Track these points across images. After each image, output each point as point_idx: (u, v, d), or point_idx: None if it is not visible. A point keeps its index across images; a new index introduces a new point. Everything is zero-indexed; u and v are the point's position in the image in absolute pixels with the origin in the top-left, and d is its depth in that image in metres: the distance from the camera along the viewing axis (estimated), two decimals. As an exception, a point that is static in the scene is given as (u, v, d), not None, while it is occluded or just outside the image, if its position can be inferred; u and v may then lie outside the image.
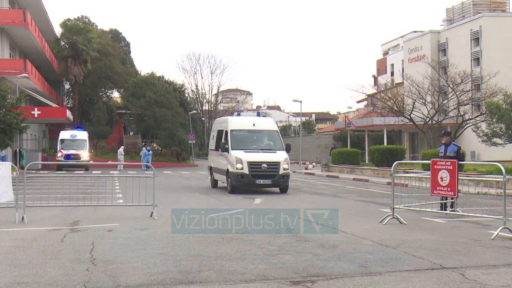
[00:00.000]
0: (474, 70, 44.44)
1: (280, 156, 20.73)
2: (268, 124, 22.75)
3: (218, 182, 23.31)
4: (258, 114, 23.94)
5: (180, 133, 55.23)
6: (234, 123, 22.06)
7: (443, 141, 14.64)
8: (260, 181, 20.15)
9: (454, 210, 13.22)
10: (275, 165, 20.33)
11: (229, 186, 20.72)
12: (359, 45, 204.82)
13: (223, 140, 21.89)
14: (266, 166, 20.14)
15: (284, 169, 20.40)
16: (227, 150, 21.00)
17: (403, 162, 24.92)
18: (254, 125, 21.94)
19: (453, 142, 14.63)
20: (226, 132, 21.87)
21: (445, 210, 13.60)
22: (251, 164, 20.12)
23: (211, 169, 24.32)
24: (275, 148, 21.41)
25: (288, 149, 21.43)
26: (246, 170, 20.04)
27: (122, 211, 14.20)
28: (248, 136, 21.77)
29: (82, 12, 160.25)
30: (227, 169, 20.80)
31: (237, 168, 20.12)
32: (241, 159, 20.17)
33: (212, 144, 24.82)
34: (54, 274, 7.24)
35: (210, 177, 24.67)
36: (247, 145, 21.35)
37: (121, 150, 45.01)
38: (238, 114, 23.50)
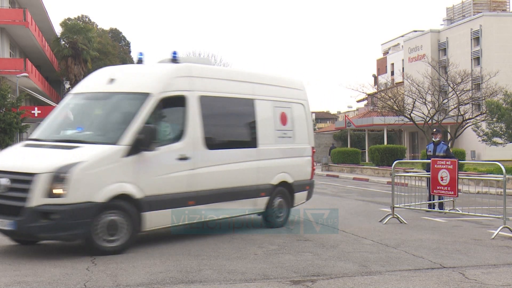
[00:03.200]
0: (474, 70, 44.42)
1: (69, 156, 8.44)
2: (140, 78, 9.85)
3: None
4: (175, 57, 10.17)
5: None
6: (84, 81, 10.71)
7: (436, 139, 14.51)
8: None
9: (443, 208, 13.48)
10: (23, 181, 8.23)
11: None
12: (359, 45, 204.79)
13: None
14: (7, 182, 8.32)
15: (58, 193, 8.06)
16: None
17: (403, 161, 24.99)
18: (112, 81, 9.81)
19: (442, 142, 14.62)
20: None
21: (434, 208, 13.75)
22: None
23: None
24: (104, 136, 9.04)
25: (148, 137, 8.79)
26: None
27: (122, 211, 14.18)
28: (84, 109, 10.09)
29: (82, 12, 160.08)
30: None
31: None
32: None
33: None
34: (54, 273, 7.24)
35: None
36: (62, 127, 9.84)
37: None
38: (139, 60, 10.62)
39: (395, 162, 13.15)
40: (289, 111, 11.85)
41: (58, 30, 55.65)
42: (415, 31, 61.02)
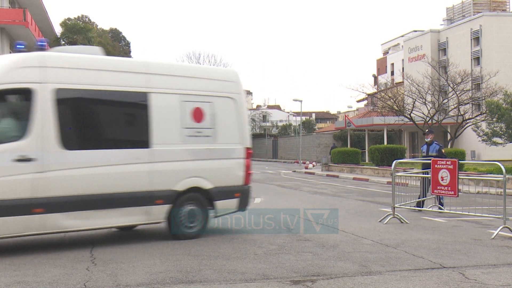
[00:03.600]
0: (474, 70, 44.44)
1: None
2: None
3: None
4: (41, 46, 8.96)
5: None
6: None
7: (428, 139, 14.70)
8: None
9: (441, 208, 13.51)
10: None
11: None
12: (359, 45, 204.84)
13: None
14: None
15: None
16: None
17: (403, 161, 24.93)
18: None
19: (435, 142, 14.72)
20: None
21: (422, 207, 13.79)
22: None
23: None
24: None
25: None
26: None
27: (122, 211, 14.17)
28: None
29: (82, 12, 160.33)
30: None
31: None
32: None
33: None
34: (54, 273, 7.24)
35: None
36: None
37: None
38: (17, 50, 9.01)
39: (395, 162, 13.15)
40: (209, 106, 10.21)
41: (58, 30, 55.73)
42: (415, 31, 61.05)
